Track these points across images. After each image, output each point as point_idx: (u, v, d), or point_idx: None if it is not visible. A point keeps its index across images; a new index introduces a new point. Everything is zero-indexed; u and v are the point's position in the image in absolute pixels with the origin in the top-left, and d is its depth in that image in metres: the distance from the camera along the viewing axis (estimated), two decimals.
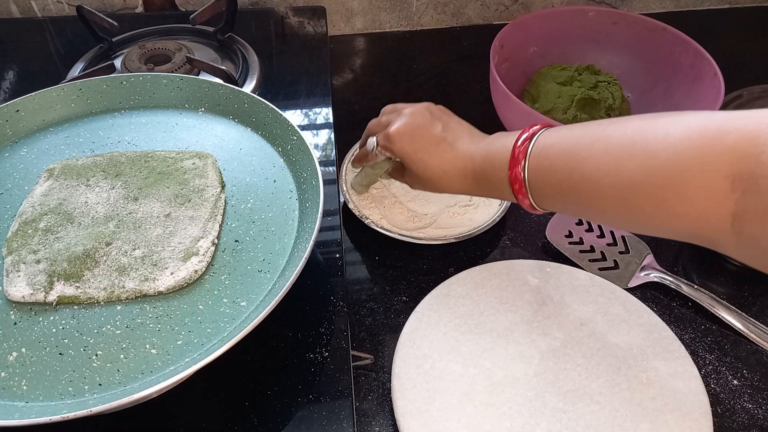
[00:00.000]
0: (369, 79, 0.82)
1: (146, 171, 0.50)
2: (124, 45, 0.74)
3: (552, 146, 0.40)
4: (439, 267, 0.57)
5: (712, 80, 0.63)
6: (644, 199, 0.35)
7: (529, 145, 0.41)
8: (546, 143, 0.41)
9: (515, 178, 0.42)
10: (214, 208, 0.47)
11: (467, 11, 0.90)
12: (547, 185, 0.41)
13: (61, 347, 0.39)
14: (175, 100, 0.58)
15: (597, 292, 0.53)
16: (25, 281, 0.41)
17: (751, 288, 0.56)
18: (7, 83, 0.70)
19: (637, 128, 0.36)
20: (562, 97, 0.67)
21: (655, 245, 0.58)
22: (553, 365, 0.47)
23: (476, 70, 0.80)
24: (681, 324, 0.53)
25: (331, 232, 0.54)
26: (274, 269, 0.44)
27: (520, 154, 0.41)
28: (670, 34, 0.70)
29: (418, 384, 0.46)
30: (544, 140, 0.41)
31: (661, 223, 0.35)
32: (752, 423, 0.47)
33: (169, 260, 0.43)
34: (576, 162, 0.38)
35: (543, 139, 0.41)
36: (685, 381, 0.46)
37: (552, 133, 0.41)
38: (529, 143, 0.41)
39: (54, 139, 0.55)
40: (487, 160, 0.45)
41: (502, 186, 0.44)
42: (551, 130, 0.42)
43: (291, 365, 0.44)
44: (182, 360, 0.38)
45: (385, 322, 0.53)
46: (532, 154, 0.41)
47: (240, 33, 0.75)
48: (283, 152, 0.53)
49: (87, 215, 0.46)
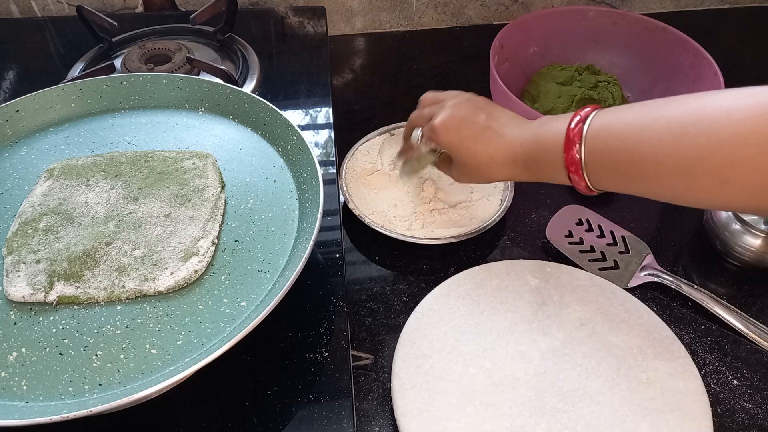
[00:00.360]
0: (369, 79, 0.82)
1: (146, 171, 0.50)
2: (124, 45, 0.74)
3: (609, 126, 0.41)
4: (439, 267, 0.57)
5: (712, 80, 0.63)
6: (712, 174, 0.35)
7: (583, 126, 0.42)
8: (602, 124, 0.41)
9: (571, 161, 0.42)
10: (214, 208, 0.47)
11: (467, 11, 0.90)
12: (605, 165, 0.41)
13: (61, 347, 0.39)
14: (175, 100, 0.58)
15: (597, 292, 0.53)
16: (25, 281, 0.41)
17: (751, 288, 0.56)
18: (7, 83, 0.70)
19: (699, 104, 0.37)
20: (562, 97, 0.67)
21: (655, 245, 0.58)
22: (553, 365, 0.47)
23: (476, 70, 0.80)
24: (681, 324, 0.53)
25: (331, 232, 0.54)
26: (274, 269, 0.44)
27: (576, 136, 0.42)
28: (670, 34, 0.70)
29: (418, 384, 0.46)
30: (599, 121, 0.41)
31: (729, 196, 0.36)
32: (752, 423, 0.47)
33: (169, 260, 0.43)
34: (638, 140, 0.38)
35: (598, 120, 0.41)
36: (685, 381, 0.46)
37: (606, 115, 0.42)
38: (582, 125, 0.42)
39: (54, 139, 0.55)
40: (537, 144, 0.45)
41: (555, 169, 0.44)
42: (604, 111, 0.42)
43: (291, 365, 0.44)
44: (182, 360, 0.38)
45: (385, 322, 0.53)
46: (588, 136, 0.41)
47: (240, 33, 0.75)
48: (283, 152, 0.53)
49: (87, 215, 0.46)
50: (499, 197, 0.61)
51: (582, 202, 0.62)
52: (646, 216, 0.63)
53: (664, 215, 0.64)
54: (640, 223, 0.61)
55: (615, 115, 0.41)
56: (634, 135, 0.39)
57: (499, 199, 0.61)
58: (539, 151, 0.45)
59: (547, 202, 0.64)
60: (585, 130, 0.41)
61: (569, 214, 0.61)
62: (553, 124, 0.44)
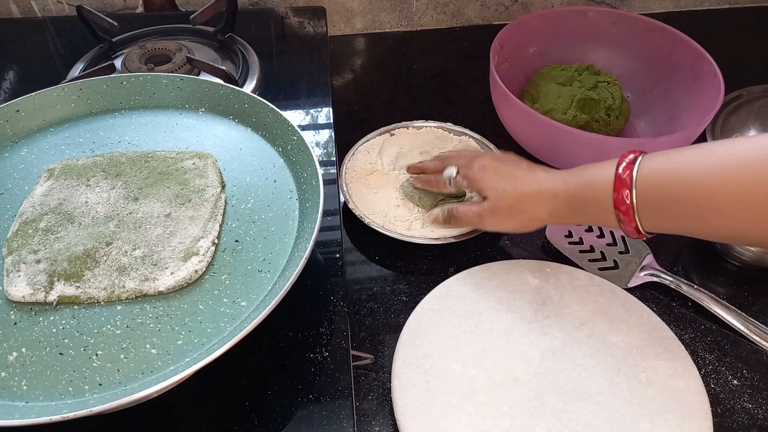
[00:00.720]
0: (369, 79, 0.82)
1: (146, 171, 0.50)
2: (124, 45, 0.74)
3: (663, 167, 0.41)
4: (439, 267, 0.57)
5: (712, 80, 0.63)
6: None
7: (633, 168, 0.42)
8: (653, 164, 0.42)
9: (621, 201, 0.43)
10: (214, 208, 0.47)
11: (467, 11, 0.90)
12: (659, 206, 0.42)
13: (61, 347, 0.39)
14: (175, 100, 0.58)
15: (597, 292, 0.53)
16: (25, 281, 0.41)
17: (751, 288, 0.56)
18: (7, 83, 0.70)
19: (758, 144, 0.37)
20: (562, 98, 0.67)
21: (655, 245, 0.58)
22: (553, 365, 0.47)
23: (476, 70, 0.80)
24: (681, 324, 0.53)
25: (331, 232, 0.54)
26: (275, 269, 0.44)
27: (627, 178, 0.42)
28: (670, 34, 0.70)
29: (418, 384, 0.46)
30: (650, 163, 0.42)
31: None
32: (752, 423, 0.47)
33: (169, 260, 0.43)
34: (700, 176, 0.39)
35: (649, 162, 0.42)
36: (685, 381, 0.46)
37: (655, 156, 0.42)
38: (632, 167, 0.42)
39: (54, 139, 0.55)
40: (584, 182, 0.46)
41: (603, 210, 0.44)
42: (654, 154, 0.43)
43: (291, 365, 0.44)
44: (182, 360, 0.38)
45: (385, 322, 0.53)
46: (639, 175, 0.42)
47: (240, 33, 0.75)
48: (283, 152, 0.53)
49: (87, 215, 0.46)
50: None
51: None
52: None
53: None
54: None
55: (669, 155, 0.42)
56: (693, 173, 0.39)
57: None
58: (588, 189, 0.46)
59: None
60: (635, 171, 0.42)
61: None
62: (597, 167, 0.45)
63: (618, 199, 0.43)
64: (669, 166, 0.41)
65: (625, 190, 0.42)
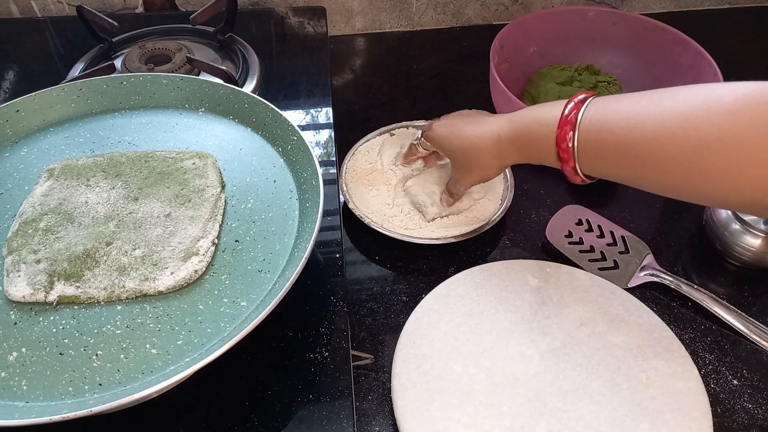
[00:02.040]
0: (369, 79, 0.82)
1: (146, 171, 0.50)
2: (124, 45, 0.74)
3: (607, 110, 0.41)
4: (439, 267, 0.57)
5: (712, 80, 0.63)
6: (714, 162, 0.34)
7: (580, 108, 0.42)
8: (599, 108, 0.41)
9: (562, 139, 0.42)
10: (214, 208, 0.47)
11: (467, 11, 0.90)
12: (600, 148, 0.41)
13: (61, 347, 0.39)
14: (175, 100, 0.58)
15: (597, 292, 0.53)
16: (25, 281, 0.41)
17: (751, 288, 0.56)
18: (7, 83, 0.70)
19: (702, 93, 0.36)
20: (562, 97, 0.66)
21: (655, 245, 0.58)
22: (553, 365, 0.47)
23: (476, 70, 0.80)
24: (681, 324, 0.53)
25: (331, 232, 0.54)
26: (275, 269, 0.44)
27: (573, 118, 0.42)
28: (670, 34, 0.70)
29: (418, 384, 0.46)
30: (596, 106, 0.41)
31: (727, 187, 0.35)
32: (752, 423, 0.47)
33: (169, 260, 0.43)
34: (637, 122, 0.38)
35: (595, 105, 0.41)
36: (685, 381, 0.46)
37: (603, 101, 0.42)
38: (578, 111, 0.42)
39: (54, 139, 0.55)
40: (531, 120, 0.46)
41: (545, 147, 0.44)
42: (601, 97, 0.42)
43: (291, 365, 0.44)
44: (182, 360, 0.38)
45: (385, 322, 0.53)
46: (584, 117, 0.41)
47: (240, 33, 0.75)
48: (283, 152, 0.53)
49: (87, 215, 0.46)
50: (499, 197, 0.61)
51: (582, 202, 0.62)
52: (646, 216, 0.63)
53: (664, 215, 0.64)
54: (639, 223, 0.61)
55: (615, 99, 0.41)
56: (636, 116, 0.38)
57: (499, 199, 0.61)
58: (533, 126, 0.45)
59: (547, 202, 0.64)
60: (582, 111, 0.42)
61: (569, 214, 0.61)
62: (546, 107, 0.45)
63: (560, 137, 0.42)
64: (615, 114, 0.40)
65: (568, 130, 0.42)
